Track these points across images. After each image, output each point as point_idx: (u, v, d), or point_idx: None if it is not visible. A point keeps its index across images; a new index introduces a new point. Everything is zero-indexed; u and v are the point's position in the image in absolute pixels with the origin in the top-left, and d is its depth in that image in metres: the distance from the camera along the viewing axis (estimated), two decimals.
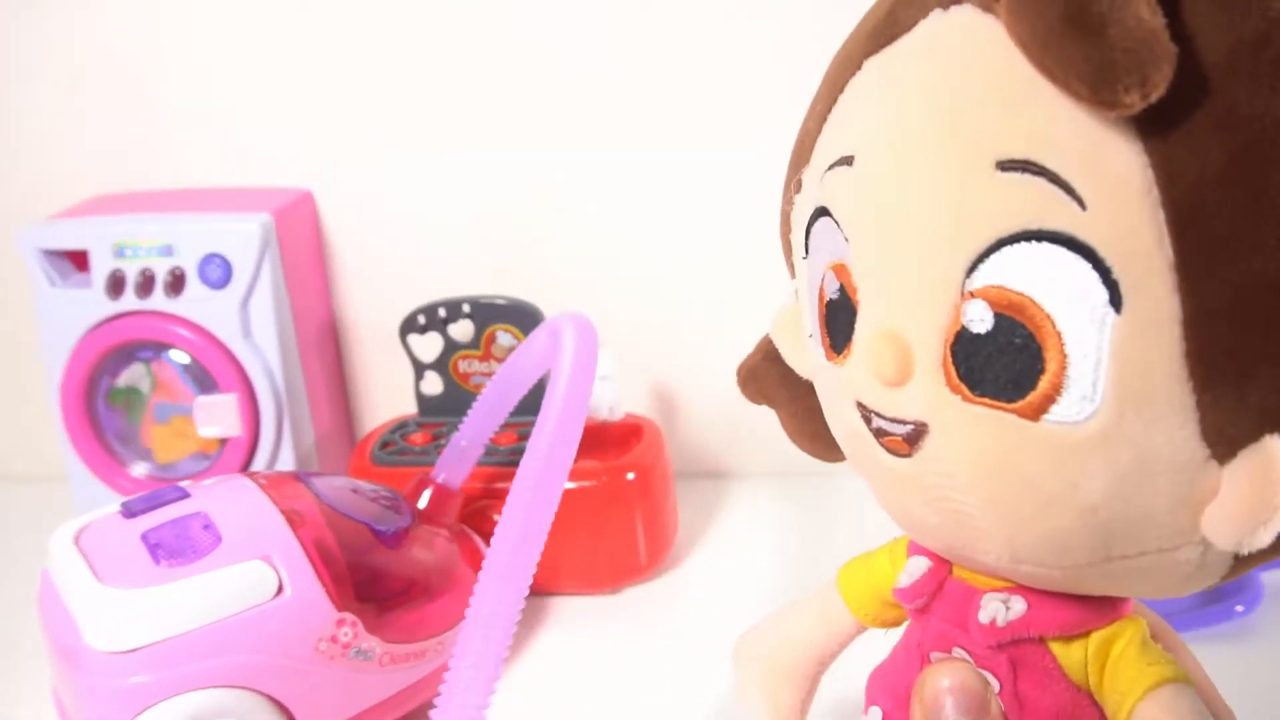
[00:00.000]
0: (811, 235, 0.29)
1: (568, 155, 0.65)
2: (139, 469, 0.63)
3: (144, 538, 0.45)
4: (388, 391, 0.70)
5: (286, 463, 0.62)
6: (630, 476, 0.57)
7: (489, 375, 0.62)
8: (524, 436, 0.59)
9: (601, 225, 0.66)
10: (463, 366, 0.62)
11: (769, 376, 0.35)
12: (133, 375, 0.62)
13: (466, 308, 0.61)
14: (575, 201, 0.65)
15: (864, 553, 0.36)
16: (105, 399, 0.63)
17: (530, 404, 0.56)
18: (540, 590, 0.58)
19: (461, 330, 0.61)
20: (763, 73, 0.61)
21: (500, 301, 0.61)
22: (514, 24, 0.63)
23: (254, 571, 0.44)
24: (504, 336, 0.61)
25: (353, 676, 0.46)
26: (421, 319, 0.61)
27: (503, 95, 0.64)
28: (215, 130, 0.67)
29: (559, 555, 0.57)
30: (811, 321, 0.30)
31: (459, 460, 0.53)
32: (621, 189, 0.65)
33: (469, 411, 0.53)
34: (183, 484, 0.49)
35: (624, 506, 0.57)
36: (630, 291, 0.66)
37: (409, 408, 0.65)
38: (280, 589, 0.44)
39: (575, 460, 0.56)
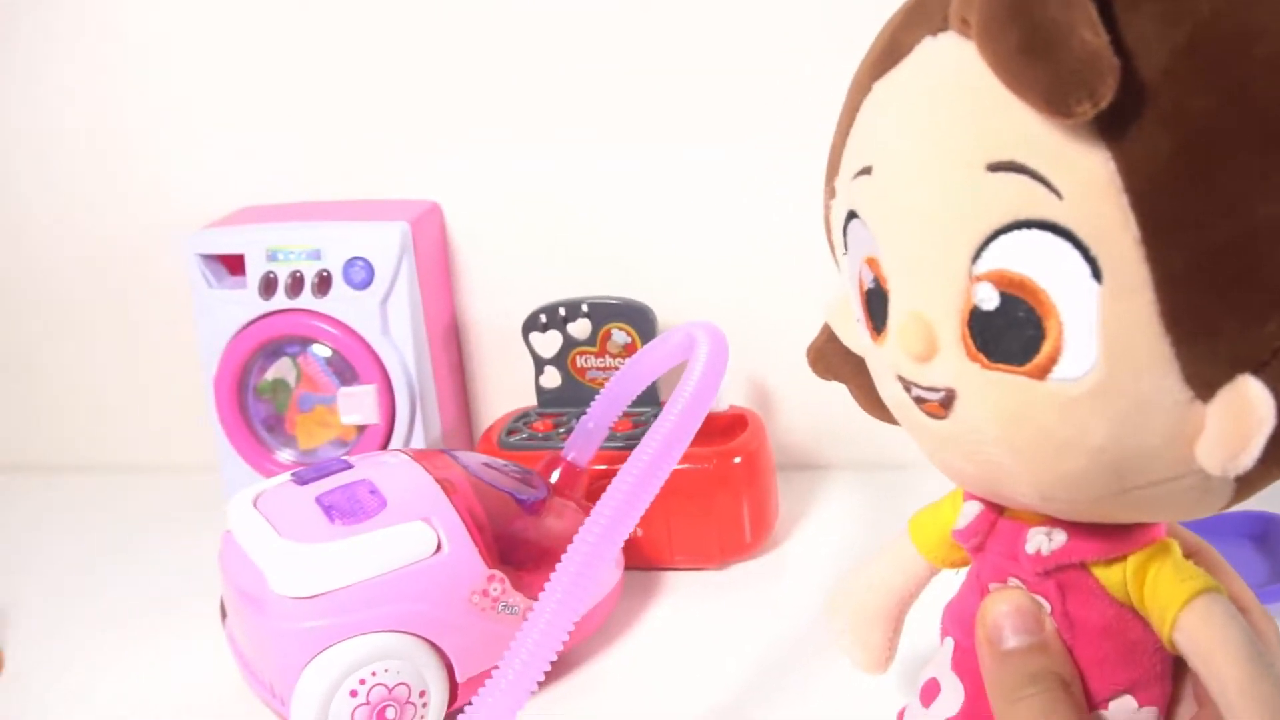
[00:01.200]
0: (847, 234, 0.34)
1: (675, 159, 0.70)
2: (284, 455, 0.69)
3: (318, 500, 0.50)
4: (501, 387, 0.75)
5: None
6: (737, 461, 0.62)
7: (603, 370, 0.67)
8: (638, 424, 0.64)
9: (707, 228, 0.70)
10: (580, 362, 0.67)
11: (834, 355, 0.40)
12: (280, 368, 0.68)
13: (585, 307, 0.66)
14: (683, 205, 0.70)
15: (929, 504, 0.41)
16: (254, 391, 0.69)
17: (646, 397, 0.62)
18: (654, 564, 0.63)
19: (579, 328, 0.67)
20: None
21: (616, 301, 0.66)
22: (623, 40, 0.68)
23: (416, 531, 0.49)
24: (619, 334, 0.66)
25: (500, 628, 0.51)
26: (543, 318, 0.67)
27: (613, 108, 0.69)
28: (351, 147, 0.73)
29: (673, 532, 0.62)
30: (856, 308, 0.35)
31: (586, 441, 0.58)
32: (727, 191, 0.70)
33: (596, 397, 0.58)
34: (341, 458, 0.55)
35: (732, 489, 0.62)
36: (730, 291, 0.71)
37: (522, 401, 0.70)
38: (439, 547, 0.49)
39: (689, 446, 0.62)
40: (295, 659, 0.47)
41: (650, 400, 0.65)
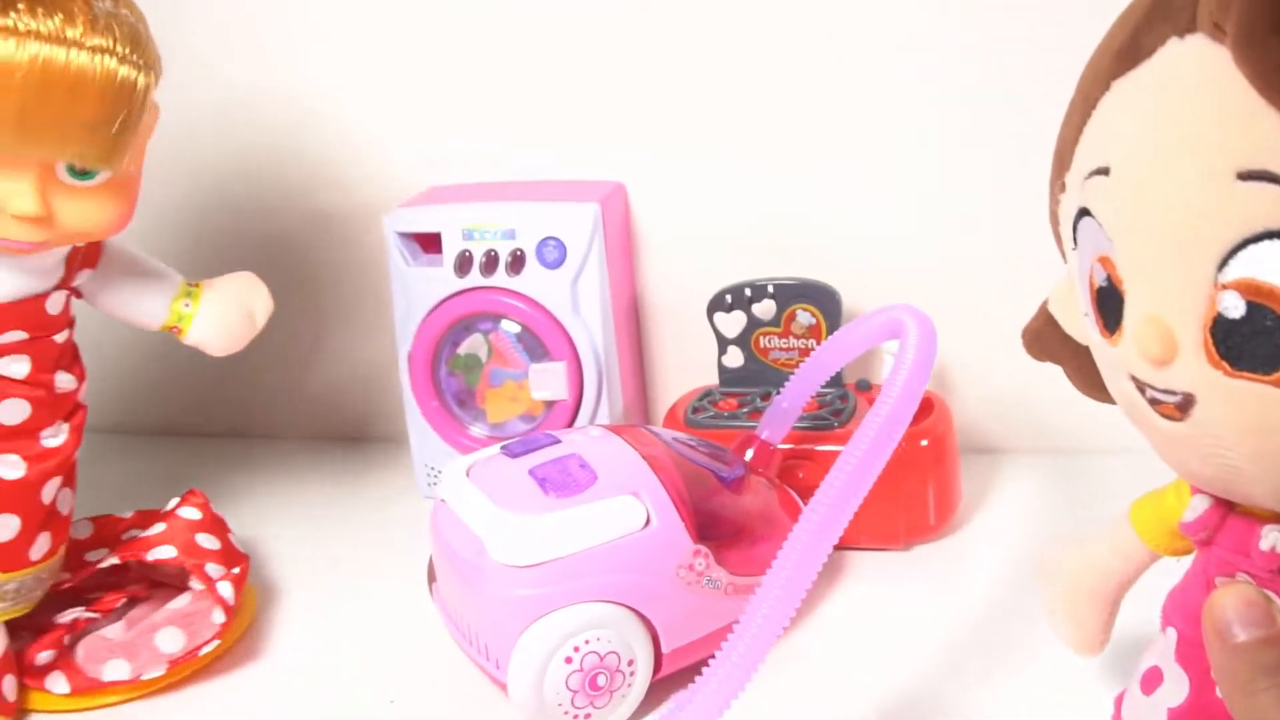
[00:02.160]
0: (1078, 231, 0.34)
1: (856, 140, 0.70)
2: (476, 429, 0.72)
3: (531, 473, 0.52)
4: (679, 365, 0.77)
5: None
6: (924, 443, 0.62)
7: (786, 350, 0.68)
8: (823, 404, 0.65)
9: (891, 209, 0.71)
10: (763, 342, 0.68)
11: (1051, 339, 0.40)
12: (472, 344, 0.70)
13: (770, 288, 0.67)
14: (867, 186, 0.71)
15: (1152, 490, 0.40)
16: (447, 365, 0.71)
17: (830, 379, 0.62)
18: (841, 544, 0.63)
19: (764, 309, 0.68)
20: (1034, 68, 0.66)
21: (802, 282, 0.67)
22: (800, 27, 0.69)
23: (627, 505, 0.51)
24: (803, 315, 0.67)
25: (704, 601, 0.52)
26: (728, 298, 0.68)
27: (801, 89, 0.70)
28: (537, 127, 0.74)
29: (859, 512, 0.63)
30: (1084, 302, 0.35)
31: (780, 420, 0.59)
32: (911, 172, 0.70)
33: (791, 376, 0.59)
34: (548, 432, 0.56)
35: (918, 470, 0.62)
36: (912, 272, 0.71)
37: (696, 379, 0.72)
38: (648, 521, 0.51)
39: None
40: (513, 625, 0.49)
41: (834, 382, 0.66)
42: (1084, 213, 0.34)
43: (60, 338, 0.55)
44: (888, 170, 0.70)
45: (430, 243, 0.70)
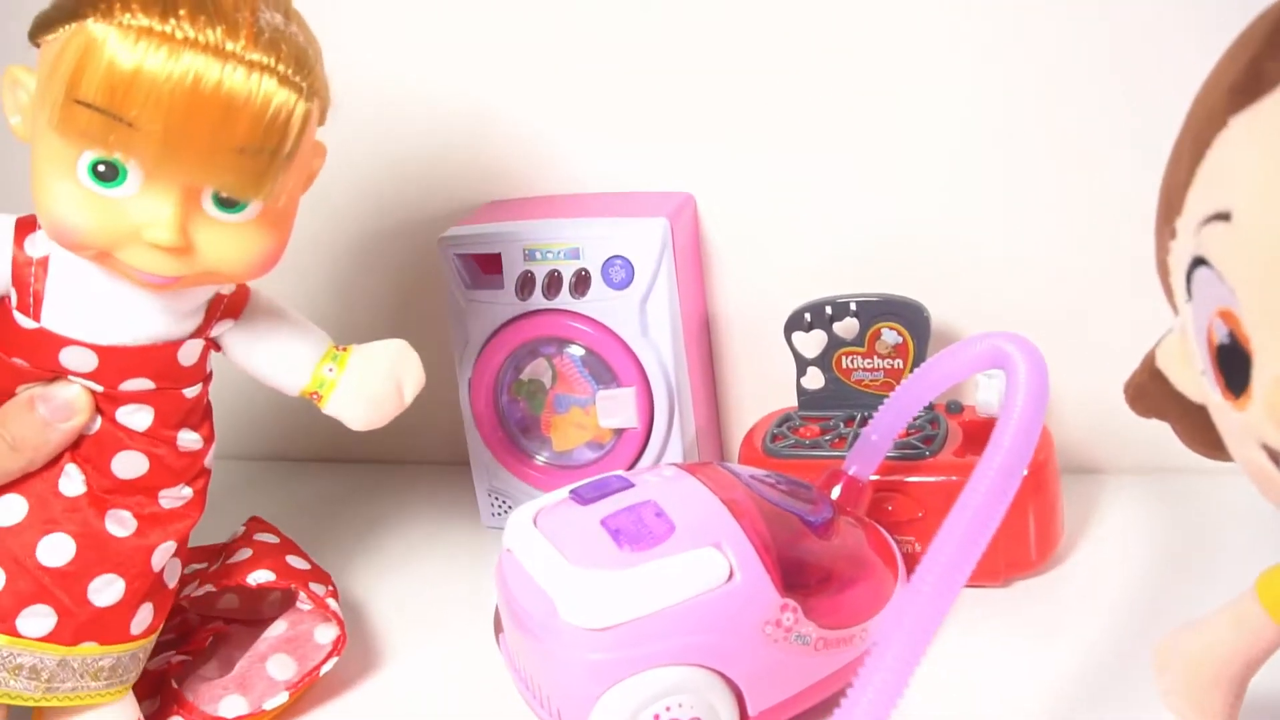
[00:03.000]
0: (1192, 282, 0.31)
1: (942, 146, 0.66)
2: (540, 457, 0.68)
3: (604, 523, 0.48)
4: (753, 386, 0.73)
5: (675, 454, 0.66)
6: (1023, 474, 0.58)
7: (872, 371, 0.63)
8: (913, 430, 0.61)
9: (979, 220, 0.66)
10: (845, 363, 0.64)
11: (1158, 394, 0.36)
12: (536, 369, 0.67)
13: (853, 305, 0.63)
14: (953, 197, 0.66)
15: (1278, 563, 0.36)
16: (509, 391, 0.67)
17: None
18: None
19: (846, 327, 0.63)
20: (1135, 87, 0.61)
21: (887, 299, 0.62)
22: (888, 20, 0.65)
23: (707, 558, 0.47)
24: (889, 334, 0.63)
25: (793, 659, 0.48)
26: (807, 316, 0.64)
27: (883, 91, 0.66)
28: (598, 136, 0.71)
29: None
30: (1202, 359, 0.31)
31: (870, 453, 0.55)
32: (998, 182, 0.66)
33: (880, 407, 0.55)
34: (619, 473, 0.53)
35: (1018, 503, 0.56)
36: (1003, 287, 0.66)
37: (773, 401, 0.67)
38: (731, 575, 0.47)
39: (969, 455, 0.58)
40: (588, 691, 0.46)
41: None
42: (1199, 262, 0.30)
43: (191, 392, 0.50)
44: (979, 178, 0.66)
45: (489, 263, 0.66)
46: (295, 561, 0.58)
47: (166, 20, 0.40)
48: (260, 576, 0.56)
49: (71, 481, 0.48)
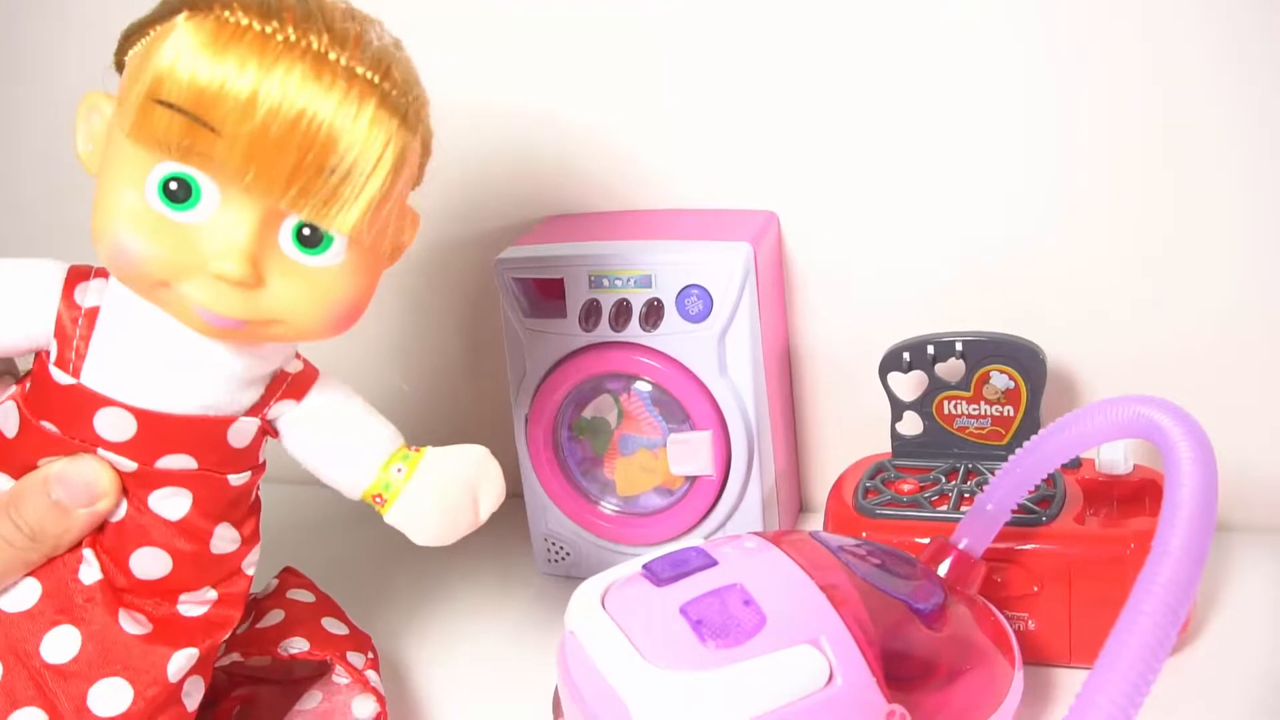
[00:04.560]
0: None
1: (1067, 176, 0.59)
2: (603, 504, 0.62)
3: (684, 612, 0.42)
4: (837, 428, 0.66)
5: (752, 503, 0.59)
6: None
7: (977, 418, 0.57)
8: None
9: (1100, 254, 0.59)
10: (948, 408, 0.57)
11: None
12: (599, 406, 0.60)
13: (959, 345, 0.56)
14: (1072, 227, 0.59)
15: None
16: (570, 429, 0.61)
17: None
18: (1049, 660, 0.52)
19: (950, 369, 0.56)
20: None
21: (997, 339, 0.55)
22: (997, 32, 0.58)
23: (805, 658, 0.41)
24: (999, 378, 0.56)
25: None
26: (906, 356, 0.57)
27: (993, 105, 0.59)
28: (670, 147, 0.64)
29: (1074, 626, 0.52)
30: None
31: (984, 526, 0.48)
32: (1123, 217, 0.59)
33: (998, 473, 0.48)
34: (698, 545, 0.46)
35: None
36: (1134, 334, 0.60)
37: (861, 444, 0.61)
38: (831, 678, 0.41)
39: (1090, 520, 0.51)
40: None
41: None
42: None
43: (237, 480, 0.44)
44: (1101, 206, 0.59)
45: (551, 288, 0.60)
46: (332, 625, 0.52)
47: (269, 21, 0.36)
48: (294, 646, 0.50)
49: (90, 569, 0.42)
